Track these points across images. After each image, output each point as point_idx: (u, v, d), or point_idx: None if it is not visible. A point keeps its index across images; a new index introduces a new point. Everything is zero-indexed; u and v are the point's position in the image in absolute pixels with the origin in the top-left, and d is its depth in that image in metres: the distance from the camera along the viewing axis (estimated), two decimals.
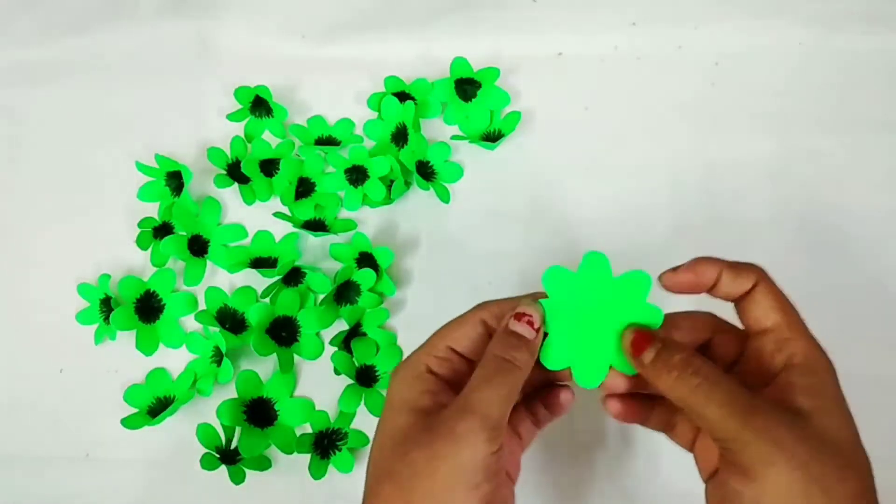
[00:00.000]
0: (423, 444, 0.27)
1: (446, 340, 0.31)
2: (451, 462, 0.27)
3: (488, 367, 0.29)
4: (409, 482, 0.27)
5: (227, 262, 0.48)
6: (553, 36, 0.55)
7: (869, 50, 0.52)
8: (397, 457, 0.28)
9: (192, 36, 0.57)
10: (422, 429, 0.28)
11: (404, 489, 0.27)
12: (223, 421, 0.43)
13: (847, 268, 0.47)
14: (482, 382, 0.28)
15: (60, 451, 0.45)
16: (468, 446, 0.27)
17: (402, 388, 0.30)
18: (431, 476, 0.27)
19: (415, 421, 0.29)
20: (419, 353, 0.31)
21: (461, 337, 0.31)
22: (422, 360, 0.31)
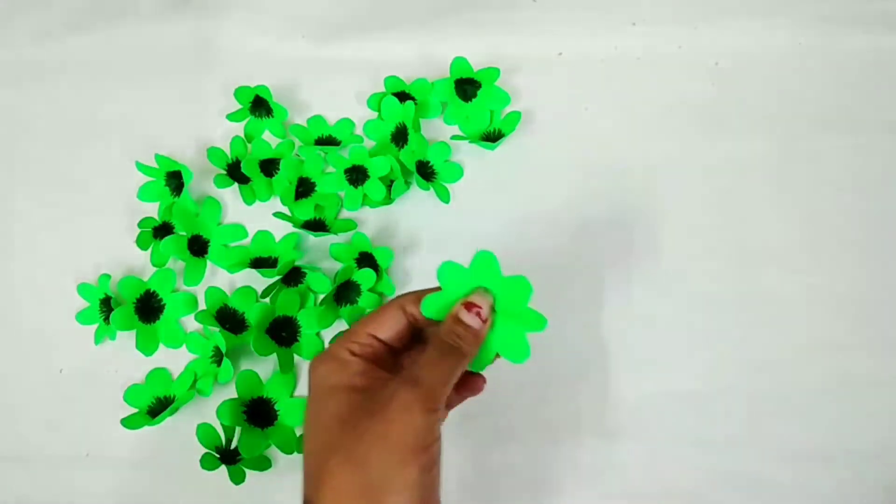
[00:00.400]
0: (372, 412, 0.29)
1: (367, 328, 0.33)
2: (402, 426, 0.29)
3: (436, 351, 0.31)
4: (359, 450, 0.29)
5: (227, 262, 0.48)
6: (553, 36, 0.55)
7: (869, 50, 0.52)
8: (346, 430, 0.30)
9: (192, 36, 0.57)
10: (368, 400, 0.30)
11: (355, 458, 0.29)
12: (223, 421, 0.43)
13: (847, 267, 0.47)
14: (430, 363, 0.31)
15: (60, 451, 0.45)
16: (417, 413, 0.29)
17: (330, 375, 0.32)
18: (383, 440, 0.28)
19: (356, 398, 0.31)
20: (338, 343, 0.33)
21: (382, 325, 0.33)
22: (343, 347, 0.33)
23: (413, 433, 0.29)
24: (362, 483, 0.28)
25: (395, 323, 0.33)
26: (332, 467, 0.29)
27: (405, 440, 0.28)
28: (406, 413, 0.29)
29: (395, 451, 0.28)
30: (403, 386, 0.30)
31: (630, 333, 0.45)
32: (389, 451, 0.28)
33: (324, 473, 0.29)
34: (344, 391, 0.31)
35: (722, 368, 0.44)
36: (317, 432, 0.31)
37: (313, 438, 0.31)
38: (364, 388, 0.31)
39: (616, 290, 0.46)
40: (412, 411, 0.29)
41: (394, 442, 0.28)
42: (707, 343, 0.45)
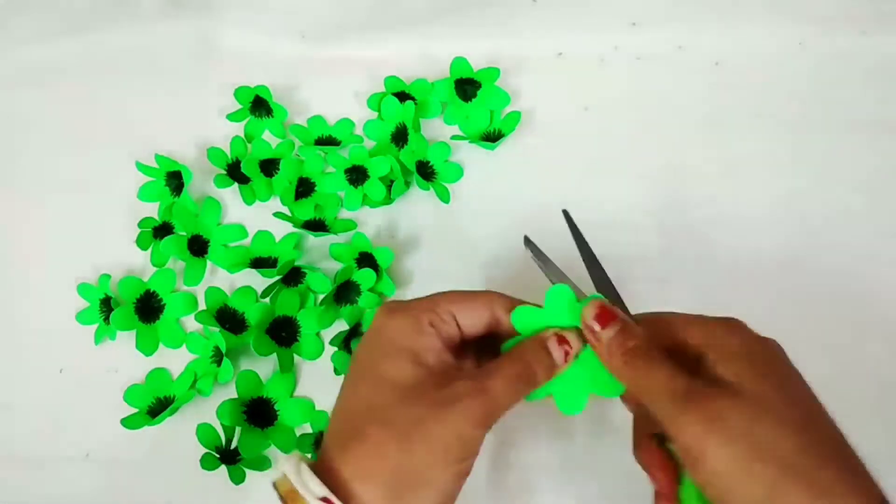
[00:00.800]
0: (432, 402, 0.28)
1: (452, 307, 0.31)
2: (454, 433, 0.27)
3: (514, 367, 0.30)
4: (409, 433, 0.27)
5: (227, 262, 0.48)
6: (553, 36, 0.55)
7: (868, 50, 0.52)
8: (399, 404, 0.28)
9: (192, 36, 0.58)
10: (431, 386, 0.29)
11: (402, 439, 0.27)
12: (223, 421, 0.43)
13: (847, 267, 0.47)
14: (505, 376, 0.29)
15: (60, 451, 0.45)
16: (472, 423, 0.28)
17: (403, 335, 0.30)
18: (435, 436, 0.27)
19: (422, 375, 0.29)
20: (421, 306, 0.31)
21: (467, 312, 0.32)
22: (425, 314, 0.31)
23: (464, 442, 0.28)
24: (398, 466, 0.27)
25: (479, 316, 0.32)
26: (373, 432, 0.28)
27: (454, 445, 0.28)
28: (465, 421, 0.28)
29: (441, 452, 0.27)
30: (471, 391, 0.28)
31: None
32: (437, 448, 0.27)
33: (360, 434, 0.28)
34: (412, 360, 0.29)
35: None
36: (364, 387, 0.30)
37: (358, 391, 0.30)
38: (431, 368, 0.29)
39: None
40: (471, 422, 0.28)
41: (444, 442, 0.27)
42: None
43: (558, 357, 0.31)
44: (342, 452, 0.28)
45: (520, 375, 0.30)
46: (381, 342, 0.31)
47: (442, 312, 0.31)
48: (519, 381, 0.30)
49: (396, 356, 0.30)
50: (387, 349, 0.30)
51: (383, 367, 0.30)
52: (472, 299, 0.32)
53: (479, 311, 0.32)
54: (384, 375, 0.29)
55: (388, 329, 0.31)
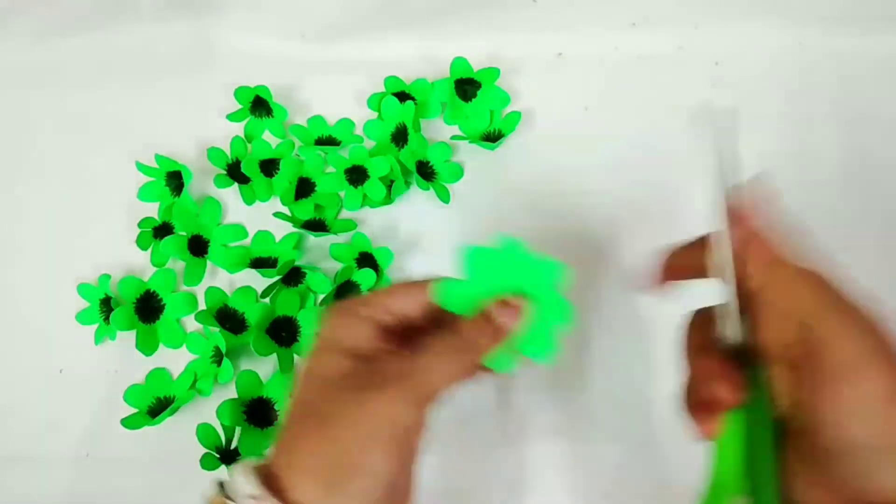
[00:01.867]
0: (358, 389, 0.27)
1: (393, 298, 0.31)
2: (383, 414, 0.27)
3: (452, 342, 0.29)
4: (335, 422, 0.27)
5: (227, 262, 0.48)
6: (553, 36, 0.55)
7: (868, 50, 0.52)
8: (327, 396, 0.28)
9: (192, 36, 0.57)
10: (360, 373, 0.28)
11: (327, 428, 0.27)
12: (223, 421, 0.43)
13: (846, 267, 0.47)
14: (439, 355, 0.28)
15: (60, 451, 0.45)
16: (401, 407, 0.27)
17: (336, 331, 0.30)
18: (360, 421, 0.27)
19: (350, 366, 0.29)
20: (359, 300, 0.31)
21: (409, 298, 0.31)
22: (356, 307, 0.31)
23: (396, 424, 0.27)
24: (327, 456, 0.27)
25: (416, 299, 0.31)
26: (303, 426, 0.28)
27: (386, 429, 0.27)
28: (392, 402, 0.27)
29: (373, 437, 0.27)
30: (402, 373, 0.28)
31: (629, 334, 0.45)
32: (367, 435, 0.27)
33: (293, 429, 0.28)
34: (345, 353, 0.29)
35: None
36: (302, 385, 0.30)
37: (300, 392, 0.30)
38: (367, 357, 0.29)
39: (616, 290, 0.46)
40: (403, 402, 0.27)
41: (375, 428, 0.27)
42: None
43: (510, 321, 0.29)
44: (279, 450, 0.28)
45: (457, 350, 0.29)
46: (321, 339, 0.30)
47: (379, 302, 0.31)
48: (453, 353, 0.29)
49: (325, 351, 0.30)
50: (318, 346, 0.30)
51: (313, 365, 0.30)
52: (414, 285, 0.31)
53: (414, 292, 0.31)
54: (314, 372, 0.29)
55: (327, 326, 0.31)
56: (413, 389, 0.27)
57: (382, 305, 0.31)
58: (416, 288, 0.31)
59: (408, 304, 0.31)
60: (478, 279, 0.31)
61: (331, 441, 0.27)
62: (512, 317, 0.30)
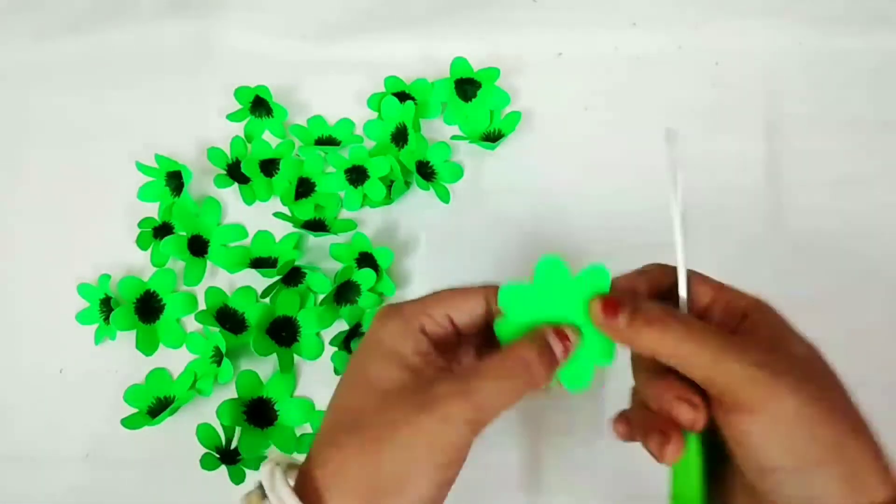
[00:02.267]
0: (409, 407, 0.27)
1: (446, 308, 0.30)
2: (432, 438, 0.26)
3: (506, 365, 0.28)
4: (382, 438, 0.26)
5: (227, 262, 0.48)
6: (553, 36, 0.55)
7: (869, 50, 0.52)
8: (378, 409, 0.27)
9: (192, 36, 0.57)
10: (412, 391, 0.27)
11: (375, 443, 0.26)
12: (223, 421, 0.43)
13: (846, 267, 0.47)
14: (493, 376, 0.28)
15: (60, 451, 0.45)
16: (454, 430, 0.26)
17: (393, 339, 0.29)
18: (409, 443, 0.26)
19: (405, 378, 0.28)
20: (414, 308, 0.30)
21: (462, 309, 0.30)
22: (417, 317, 0.30)
23: (444, 450, 0.26)
24: (370, 472, 0.26)
25: (472, 311, 0.30)
26: (347, 438, 0.27)
27: (435, 453, 0.26)
28: (445, 425, 0.26)
29: (420, 460, 0.26)
30: (453, 393, 0.27)
31: None
32: (415, 457, 0.26)
33: (336, 438, 0.27)
34: (396, 363, 0.28)
35: None
36: (349, 391, 0.29)
37: (344, 394, 0.29)
38: (417, 371, 0.28)
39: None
40: (452, 426, 0.26)
41: (418, 452, 0.26)
42: None
43: (558, 352, 0.29)
44: (319, 460, 0.28)
45: (512, 373, 0.28)
46: (371, 346, 0.30)
47: (433, 312, 0.30)
48: (510, 378, 0.28)
49: (382, 360, 0.29)
50: (374, 353, 0.29)
51: (368, 372, 0.29)
52: (465, 295, 0.31)
53: (472, 306, 0.30)
54: (367, 379, 0.29)
55: (378, 333, 0.30)
56: (467, 413, 0.26)
57: (435, 313, 0.30)
58: (473, 296, 0.31)
59: (462, 315, 0.31)
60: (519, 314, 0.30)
61: (378, 459, 0.26)
62: (567, 346, 0.29)
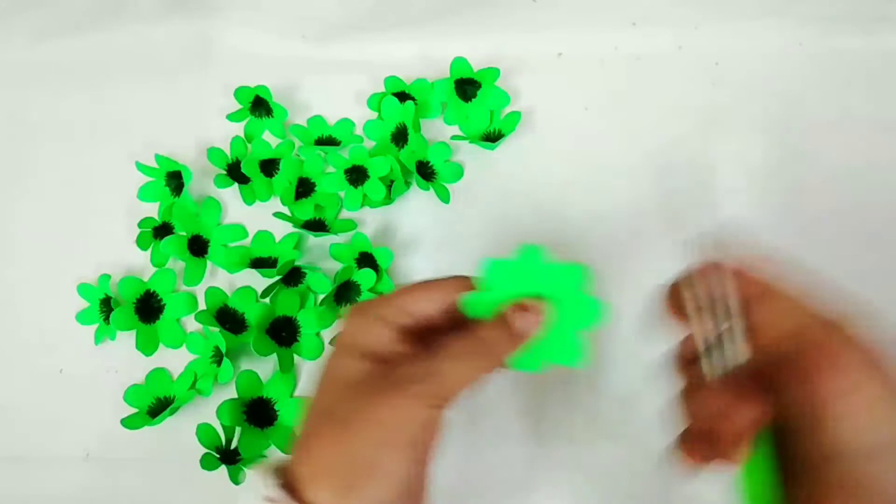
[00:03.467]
0: (376, 391, 0.28)
1: (411, 297, 0.31)
2: (400, 416, 0.27)
3: (467, 344, 0.29)
4: (351, 424, 0.27)
5: (227, 262, 0.48)
6: (553, 36, 0.55)
7: (869, 50, 0.52)
8: (344, 399, 0.28)
9: (192, 36, 0.57)
10: (377, 375, 0.28)
11: (344, 431, 0.27)
12: (223, 421, 0.43)
13: (845, 267, 0.47)
14: (455, 356, 0.28)
15: (60, 451, 0.45)
16: (420, 407, 0.27)
17: (355, 334, 0.30)
18: (376, 423, 0.27)
19: (369, 368, 0.29)
20: (376, 302, 0.31)
21: (422, 298, 0.31)
22: (377, 309, 0.30)
23: (413, 426, 0.27)
24: (344, 457, 0.27)
25: (435, 301, 0.31)
26: (321, 429, 0.28)
27: (402, 431, 0.27)
28: (410, 403, 0.27)
29: (389, 439, 0.27)
30: (418, 375, 0.28)
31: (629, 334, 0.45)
32: (383, 437, 0.27)
33: (311, 432, 0.28)
34: (364, 355, 0.29)
35: None
36: (320, 389, 0.30)
37: (319, 394, 0.30)
38: (386, 360, 0.29)
39: (616, 290, 0.46)
40: (417, 403, 0.27)
41: (390, 430, 0.27)
42: None
43: (521, 327, 0.29)
44: (296, 455, 0.28)
45: (475, 353, 0.29)
46: (337, 346, 0.30)
47: (396, 303, 0.30)
48: (471, 354, 0.29)
49: (345, 355, 0.30)
50: (339, 351, 0.30)
51: (332, 368, 0.30)
52: (427, 284, 0.31)
53: (434, 294, 0.31)
54: (334, 375, 0.29)
55: (343, 332, 0.31)
56: (429, 392, 0.27)
57: (402, 306, 0.30)
58: (435, 289, 0.31)
59: (428, 305, 0.31)
60: (499, 288, 0.30)
61: (347, 444, 0.27)
62: (529, 320, 0.29)
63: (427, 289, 0.31)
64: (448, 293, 0.31)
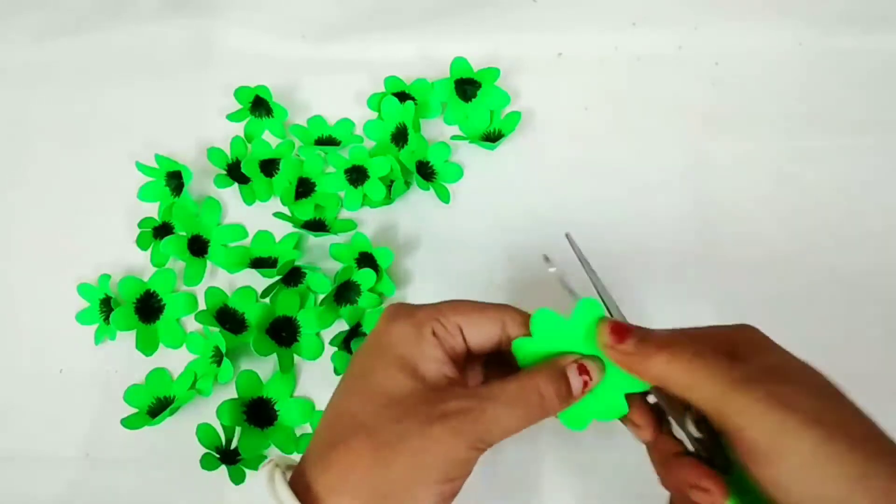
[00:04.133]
0: (421, 417, 0.27)
1: (460, 318, 0.30)
2: (442, 451, 0.26)
3: (521, 395, 0.28)
4: (391, 447, 0.26)
5: (227, 262, 0.48)
6: (553, 36, 0.55)
7: (869, 50, 0.52)
8: (387, 418, 0.27)
9: (192, 36, 0.58)
10: (422, 401, 0.27)
11: (383, 452, 0.26)
12: (223, 421, 0.43)
13: (845, 267, 0.47)
14: (505, 401, 0.27)
15: (60, 451, 0.45)
16: (462, 444, 0.26)
17: (402, 343, 0.29)
18: (417, 456, 0.26)
19: (415, 387, 0.28)
20: (426, 313, 0.30)
21: (476, 325, 0.30)
22: (429, 322, 0.29)
23: (450, 464, 0.26)
24: (376, 480, 0.26)
25: (488, 331, 0.30)
26: (355, 443, 0.27)
27: (439, 466, 0.26)
28: (454, 440, 0.26)
29: (425, 470, 0.26)
30: (464, 410, 0.27)
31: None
32: (420, 466, 0.26)
33: (342, 444, 0.27)
34: (408, 371, 0.28)
35: None
36: (354, 395, 0.28)
37: (348, 398, 0.29)
38: (427, 380, 0.28)
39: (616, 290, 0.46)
40: (460, 442, 0.26)
41: (427, 463, 0.26)
42: None
43: (576, 387, 0.29)
44: (321, 462, 0.27)
45: (526, 404, 0.28)
46: (379, 349, 0.29)
47: (447, 323, 0.29)
48: (524, 406, 0.28)
49: (391, 365, 0.28)
50: (383, 357, 0.29)
51: (376, 376, 0.28)
52: (482, 311, 0.30)
53: (488, 325, 0.30)
54: (376, 384, 0.28)
55: (388, 335, 0.29)
56: (475, 433, 0.27)
57: (448, 322, 0.29)
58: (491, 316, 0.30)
59: (481, 334, 0.30)
60: (553, 340, 0.30)
61: (384, 468, 0.26)
62: (586, 381, 0.29)
63: (482, 313, 0.30)
64: (502, 326, 0.30)
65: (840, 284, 0.46)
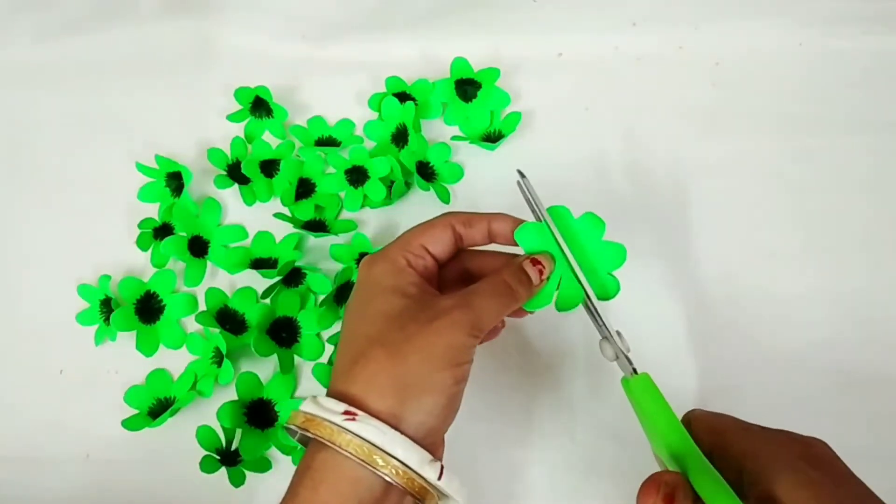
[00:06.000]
0: (421, 320, 0.31)
1: (420, 240, 0.35)
2: (446, 340, 0.31)
3: (494, 286, 0.33)
4: (403, 348, 0.31)
5: (228, 262, 0.48)
6: (553, 36, 0.55)
7: (869, 50, 0.53)
8: (393, 328, 0.32)
9: (192, 36, 0.57)
10: (418, 310, 0.32)
11: (397, 353, 0.31)
12: (223, 423, 0.43)
13: (845, 266, 0.47)
14: (485, 294, 0.33)
15: (60, 452, 0.45)
16: (461, 332, 0.31)
17: (384, 276, 0.34)
18: (426, 347, 0.31)
19: (409, 303, 0.33)
20: (394, 248, 0.35)
21: (433, 238, 0.35)
22: (399, 255, 0.34)
23: (455, 349, 0.31)
24: (398, 376, 0.30)
25: (444, 240, 0.35)
26: (372, 354, 0.31)
27: (447, 353, 0.31)
28: (454, 330, 0.31)
29: (436, 359, 0.31)
30: (456, 306, 0.32)
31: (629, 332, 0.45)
32: (431, 357, 0.31)
33: (361, 358, 0.31)
34: (397, 294, 0.33)
35: (722, 368, 0.44)
36: (360, 324, 0.33)
37: (355, 329, 0.33)
38: (415, 297, 0.33)
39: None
40: (459, 330, 0.31)
41: (437, 351, 0.31)
42: (707, 343, 0.45)
43: (534, 276, 0.34)
44: (348, 375, 0.31)
45: (499, 293, 0.33)
46: (369, 287, 0.34)
47: (413, 248, 0.35)
48: (499, 295, 0.33)
49: (383, 293, 0.33)
50: (374, 290, 0.34)
51: (374, 304, 0.33)
52: (432, 227, 0.35)
53: (441, 234, 0.35)
54: (375, 310, 0.33)
55: (372, 275, 0.34)
56: (468, 321, 0.32)
57: (413, 247, 0.35)
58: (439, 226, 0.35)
59: (435, 244, 0.35)
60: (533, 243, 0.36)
61: (402, 366, 0.31)
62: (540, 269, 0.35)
63: (433, 227, 0.36)
64: (450, 229, 0.36)
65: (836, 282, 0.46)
